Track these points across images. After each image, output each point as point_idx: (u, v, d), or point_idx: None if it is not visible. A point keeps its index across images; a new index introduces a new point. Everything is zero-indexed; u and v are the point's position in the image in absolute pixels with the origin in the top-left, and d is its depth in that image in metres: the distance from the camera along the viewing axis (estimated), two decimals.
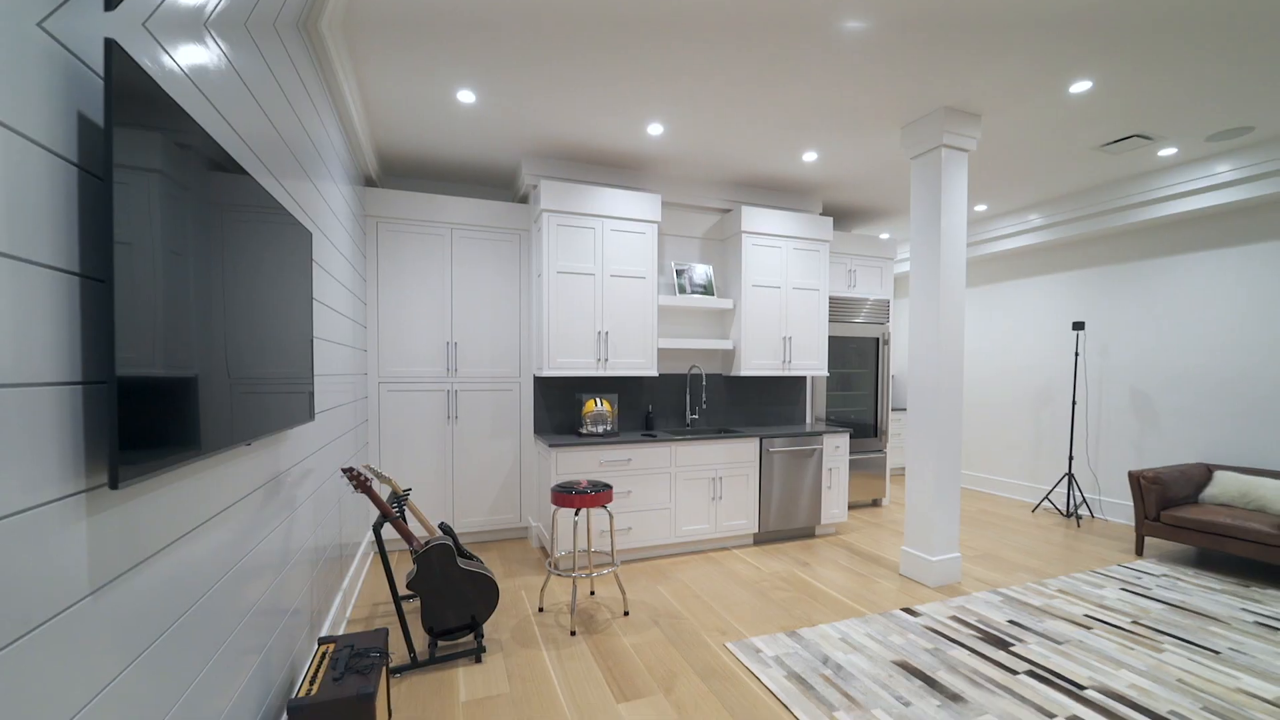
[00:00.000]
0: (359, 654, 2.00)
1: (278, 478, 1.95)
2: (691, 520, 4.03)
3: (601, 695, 2.30)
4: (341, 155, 3.15)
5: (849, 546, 4.22)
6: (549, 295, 3.92)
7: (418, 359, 4.05)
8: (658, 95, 3.15)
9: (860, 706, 2.20)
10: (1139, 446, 4.83)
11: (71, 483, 0.91)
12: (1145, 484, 3.97)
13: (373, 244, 3.97)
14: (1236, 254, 4.27)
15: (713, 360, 4.80)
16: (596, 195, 4.02)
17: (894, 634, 2.80)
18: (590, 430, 4.05)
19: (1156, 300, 4.74)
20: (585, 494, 2.91)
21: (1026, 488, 5.72)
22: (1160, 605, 3.16)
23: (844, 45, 2.65)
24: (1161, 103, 3.25)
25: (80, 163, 0.94)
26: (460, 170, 4.33)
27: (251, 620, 1.66)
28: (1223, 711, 2.18)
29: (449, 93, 3.17)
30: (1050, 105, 3.29)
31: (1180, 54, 2.72)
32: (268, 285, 1.63)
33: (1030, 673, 2.44)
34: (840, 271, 5.36)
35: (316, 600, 2.45)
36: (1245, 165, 3.93)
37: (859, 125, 3.57)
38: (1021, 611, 3.06)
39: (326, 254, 2.66)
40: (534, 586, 3.43)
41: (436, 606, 2.53)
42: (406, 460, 4.03)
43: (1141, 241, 4.85)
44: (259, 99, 1.78)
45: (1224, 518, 3.59)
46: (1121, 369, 4.96)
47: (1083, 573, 3.67)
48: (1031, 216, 5.33)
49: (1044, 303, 5.60)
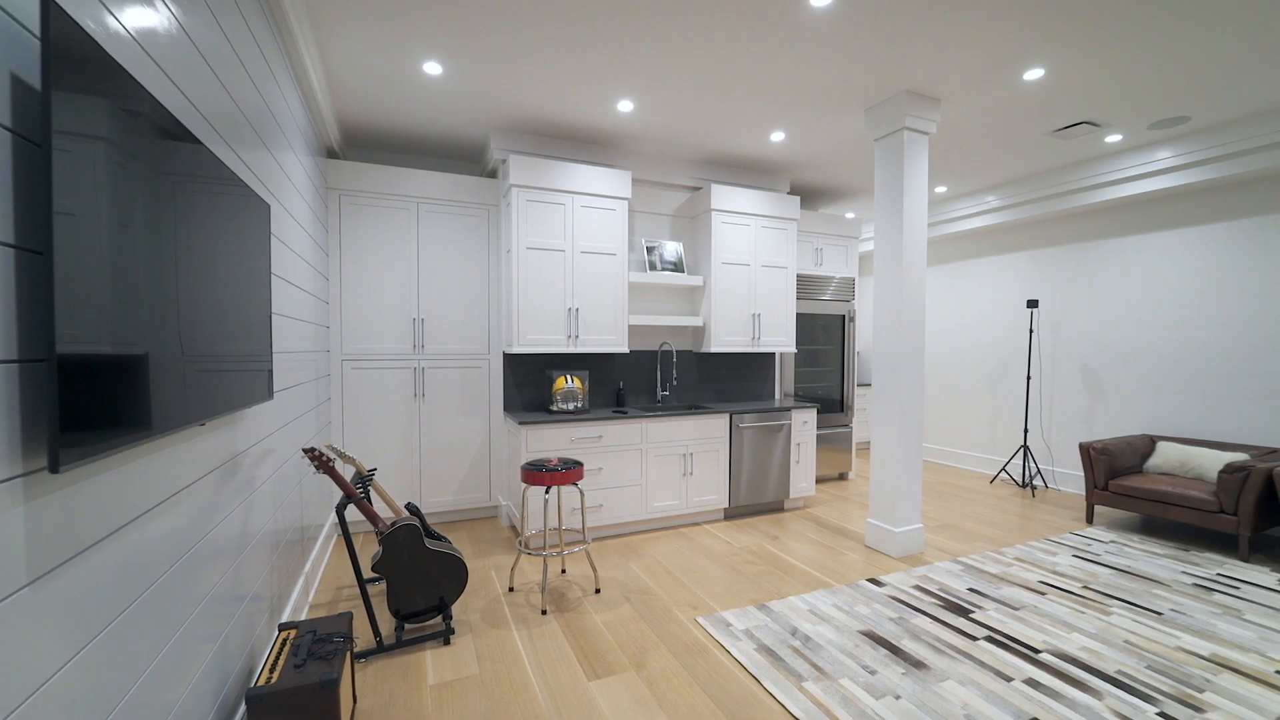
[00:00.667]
0: (322, 639, 1.95)
1: (235, 459, 1.86)
2: (663, 496, 4.05)
3: (573, 673, 2.30)
4: (302, 125, 2.98)
5: (817, 520, 4.32)
6: (519, 271, 3.83)
7: (383, 336, 3.92)
8: (628, 71, 3.06)
9: (828, 676, 2.26)
10: (1089, 419, 5.05)
11: (6, 467, 0.83)
12: (1095, 455, 4.16)
13: (335, 217, 3.79)
14: (1176, 236, 4.45)
15: (683, 337, 4.79)
16: (567, 171, 3.92)
17: (860, 604, 2.88)
18: (561, 407, 4.01)
19: (1104, 280, 4.91)
20: (556, 471, 2.88)
21: (985, 460, 5.94)
22: (1109, 570, 3.32)
23: (811, 26, 2.61)
24: (1108, 91, 3.35)
25: (15, 127, 0.86)
26: (427, 143, 4.16)
27: (207, 607, 1.58)
28: (1164, 669, 2.31)
29: (415, 64, 3.02)
30: (1006, 91, 3.34)
31: (1124, 45, 2.80)
32: (224, 259, 1.53)
33: (989, 638, 2.54)
34: (807, 250, 5.39)
35: (277, 585, 2.36)
36: (1184, 153, 4.09)
37: (825, 106, 3.56)
38: (980, 579, 3.19)
39: (286, 227, 2.52)
40: (504, 566, 3.40)
41: (403, 589, 2.48)
42: (372, 439, 3.92)
43: (1090, 223, 5.01)
44: (213, 66, 1.66)
45: (1166, 486, 3.79)
46: (1072, 345, 5.15)
47: (1038, 541, 3.83)
48: (989, 198, 5.44)
49: (1000, 281, 5.76)
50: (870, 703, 2.08)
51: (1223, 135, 3.90)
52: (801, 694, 2.13)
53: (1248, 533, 3.45)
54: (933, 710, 2.04)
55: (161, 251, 1.17)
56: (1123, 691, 2.15)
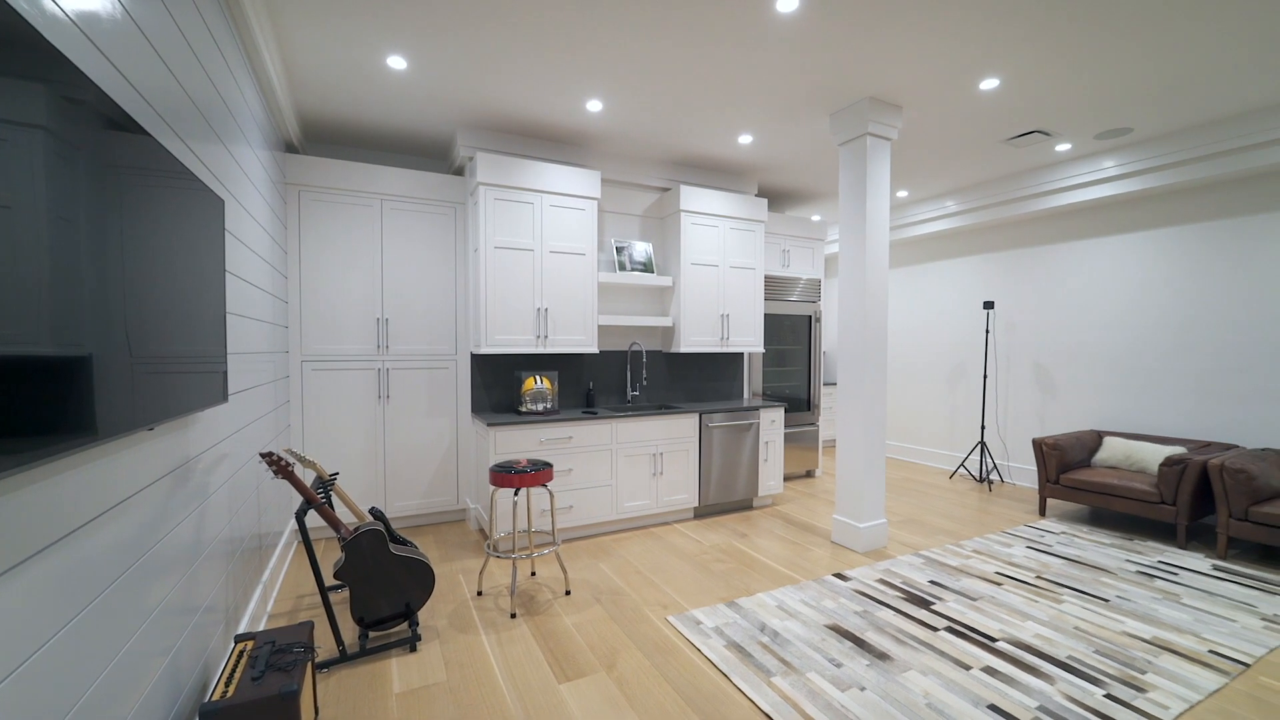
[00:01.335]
0: (281, 650, 1.88)
1: (187, 464, 1.78)
2: (633, 496, 4.05)
3: (543, 676, 2.28)
4: (259, 118, 2.87)
5: (785, 517, 4.38)
6: (486, 271, 3.77)
7: (345, 336, 3.82)
8: (596, 71, 3.05)
9: (795, 670, 2.29)
10: (1041, 416, 5.26)
11: None
12: (1046, 450, 4.33)
13: (294, 214, 3.67)
14: (1121, 241, 4.69)
15: (653, 337, 4.80)
16: (535, 170, 3.88)
17: (826, 599, 2.94)
18: (530, 408, 3.97)
19: (1055, 282, 5.13)
20: (525, 473, 2.85)
21: (944, 455, 6.13)
22: (1060, 560, 3.47)
23: (777, 30, 2.66)
24: (1057, 102, 3.51)
25: None
26: (391, 139, 4.07)
27: (157, 621, 1.51)
28: (1111, 653, 2.43)
29: (378, 58, 2.95)
30: (963, 99, 3.47)
31: (1071, 60, 2.94)
32: (175, 257, 1.46)
33: (949, 629, 2.63)
34: (775, 251, 5.47)
35: (233, 595, 2.28)
36: (1127, 162, 4.31)
37: (791, 110, 3.62)
38: (941, 572, 3.29)
39: (241, 223, 2.43)
40: (472, 570, 3.35)
41: (367, 595, 2.42)
42: (334, 443, 3.81)
43: (1042, 228, 5.22)
44: (163, 54, 1.59)
45: (1112, 479, 3.98)
46: (1026, 345, 5.36)
47: (994, 533, 3.98)
48: (948, 203, 5.63)
49: (959, 284, 5.95)
50: (836, 695, 2.12)
51: (1162, 146, 4.12)
52: (770, 689, 2.16)
53: (1185, 521, 3.65)
54: (896, 700, 2.09)
55: (107, 248, 1.12)
56: (1073, 676, 2.25)
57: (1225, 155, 3.87)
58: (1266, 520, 3.29)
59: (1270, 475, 3.49)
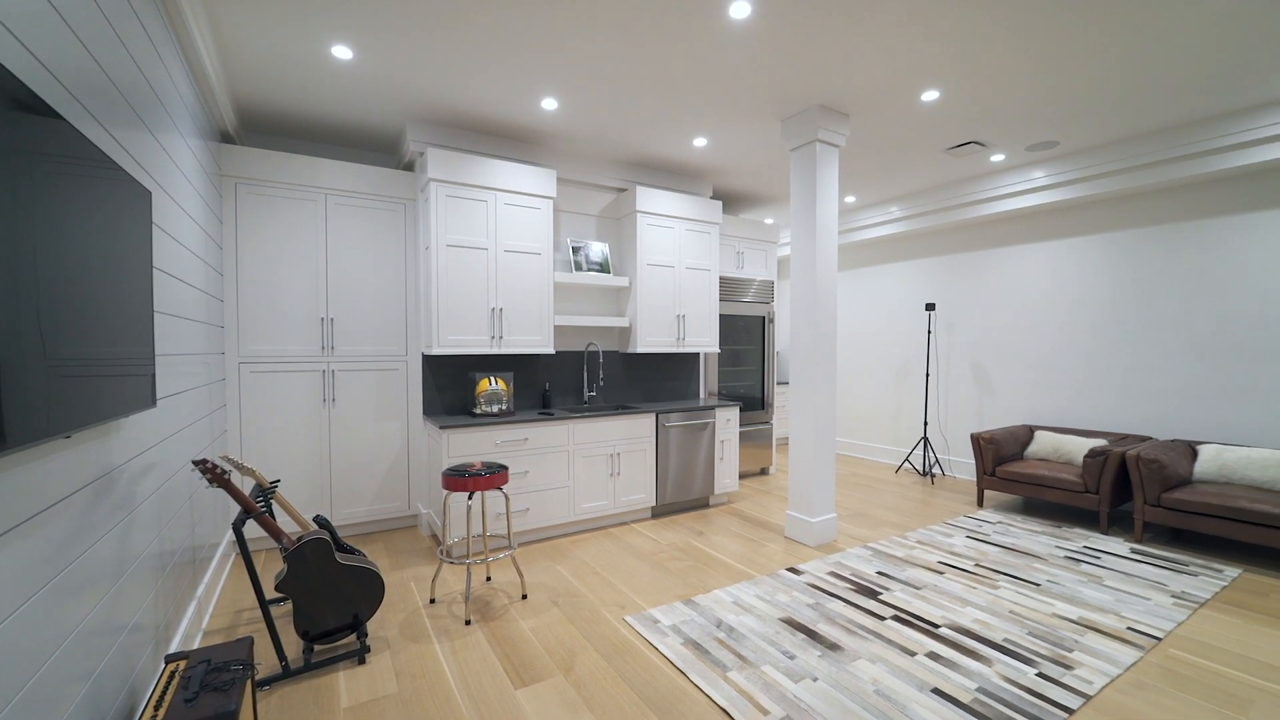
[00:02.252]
0: (217, 669, 1.78)
1: (110, 474, 1.66)
2: (590, 497, 4.04)
3: (499, 683, 2.25)
4: (190, 105, 2.71)
5: (740, 514, 4.46)
6: (438, 269, 3.68)
7: (287, 336, 3.64)
8: (552, 68, 3.02)
9: (751, 664, 2.34)
10: (979, 412, 5.54)
11: None
12: (984, 444, 4.57)
13: (230, 208, 3.48)
14: (1049, 247, 5.00)
15: (609, 337, 4.80)
16: (489, 167, 3.81)
17: (780, 593, 3.00)
18: (485, 410, 3.90)
19: (991, 285, 5.42)
20: (479, 476, 2.79)
21: (890, 451, 6.37)
22: (997, 549, 3.66)
23: (730, 37, 2.70)
24: (991, 114, 3.71)
25: None
26: (336, 131, 3.91)
27: (76, 644, 1.40)
28: (1042, 634, 2.58)
29: (322, 47, 2.84)
30: (906, 110, 3.62)
31: (1003, 74, 3.10)
32: (95, 251, 1.36)
33: (895, 617, 2.73)
34: (729, 253, 5.56)
35: (164, 613, 2.14)
36: (1055, 173, 4.61)
37: (745, 115, 3.69)
38: (888, 563, 3.41)
39: (171, 217, 2.28)
40: (425, 577, 3.26)
41: (312, 607, 2.32)
42: (275, 449, 3.63)
43: (979, 234, 5.51)
44: (77, 30, 1.47)
45: (1042, 470, 4.24)
46: (965, 345, 5.64)
47: (937, 524, 4.16)
48: (892, 209, 5.86)
49: (903, 286, 6.21)
50: (790, 686, 2.17)
51: (1085, 159, 4.41)
52: (726, 683, 2.19)
53: (1107, 509, 3.92)
54: (846, 689, 2.16)
55: (16, 242, 1.03)
56: (1009, 657, 2.38)
57: (1141, 169, 4.18)
58: (1176, 505, 3.57)
59: (1179, 464, 3.79)
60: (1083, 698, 2.11)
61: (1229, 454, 3.72)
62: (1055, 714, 2.02)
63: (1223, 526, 3.38)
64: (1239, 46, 2.86)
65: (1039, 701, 2.09)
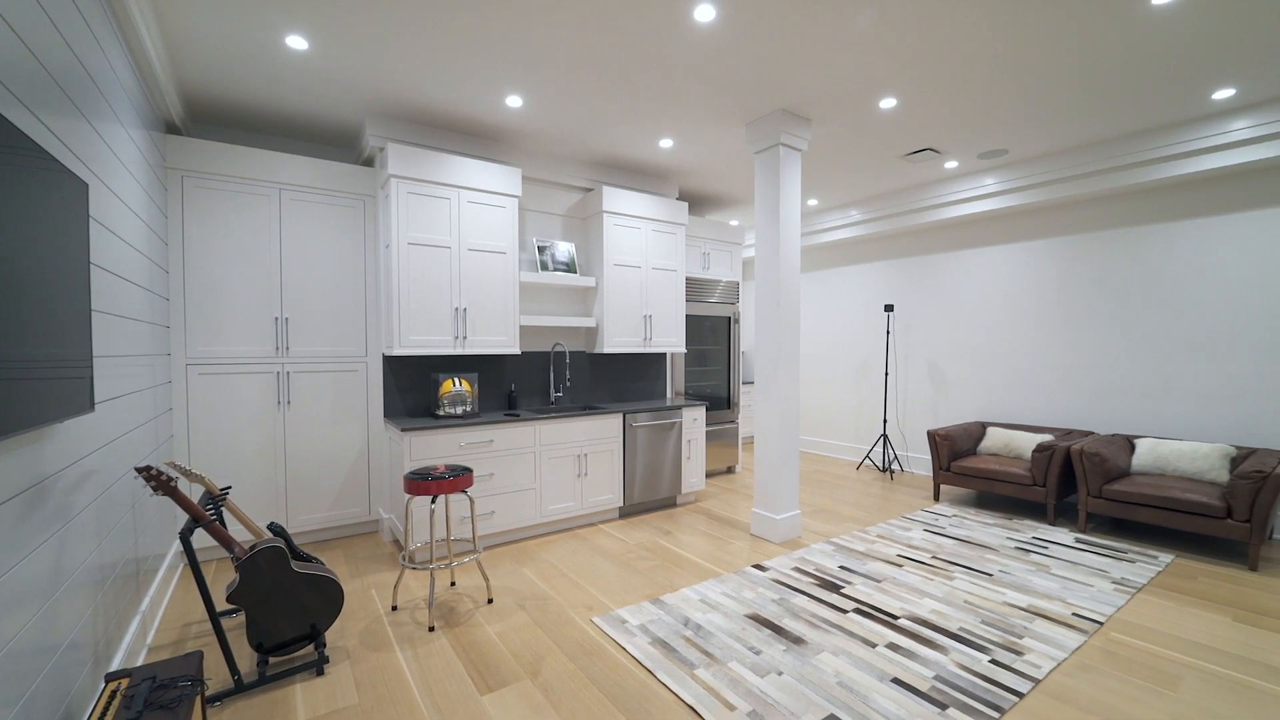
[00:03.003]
0: (163, 686, 1.70)
1: (42, 483, 1.56)
2: (557, 499, 4.01)
3: (464, 689, 2.21)
4: (132, 94, 2.57)
5: (707, 512, 4.50)
6: (400, 268, 3.59)
7: (238, 337, 3.50)
8: (516, 65, 2.98)
9: (718, 661, 2.36)
10: (935, 409, 5.74)
11: None
12: (939, 441, 4.73)
13: (177, 202, 3.31)
14: (999, 251, 5.21)
15: (576, 338, 4.77)
16: (452, 164, 3.74)
17: (746, 589, 3.04)
18: (448, 412, 3.83)
19: (946, 287, 5.62)
20: (443, 479, 2.74)
21: (851, 448, 6.53)
22: (952, 541, 3.80)
23: (696, 39, 2.73)
24: (946, 123, 3.85)
25: None
26: (291, 124, 3.78)
27: (5, 665, 1.32)
28: (994, 622, 2.69)
29: (276, 37, 2.73)
30: (866, 116, 3.72)
31: (955, 86, 3.21)
32: (25, 247, 1.28)
33: (857, 610, 2.80)
34: (695, 254, 5.61)
35: (104, 629, 2.03)
36: (1005, 180, 4.81)
37: (710, 117, 3.73)
38: (850, 557, 3.50)
39: (110, 210, 2.16)
40: (386, 584, 3.18)
41: (266, 618, 2.23)
42: (226, 454, 3.48)
43: (935, 237, 5.71)
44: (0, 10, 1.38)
45: (994, 465, 4.41)
46: (922, 345, 5.83)
47: (896, 519, 4.29)
48: (853, 212, 6.01)
49: (863, 287, 6.38)
50: (756, 682, 2.20)
51: (1032, 167, 4.61)
52: (693, 681, 2.21)
53: (1053, 500, 4.11)
54: (810, 682, 2.20)
55: None
56: (964, 645, 2.47)
57: (1083, 178, 4.40)
58: (1116, 497, 3.77)
59: (1119, 457, 4.00)
60: (1032, 681, 2.21)
61: (1163, 447, 3.95)
62: (1007, 698, 2.11)
63: (1157, 515, 3.59)
64: (1175, 64, 3.04)
65: (992, 687, 2.17)
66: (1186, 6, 2.52)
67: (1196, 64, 3.05)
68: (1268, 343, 3.83)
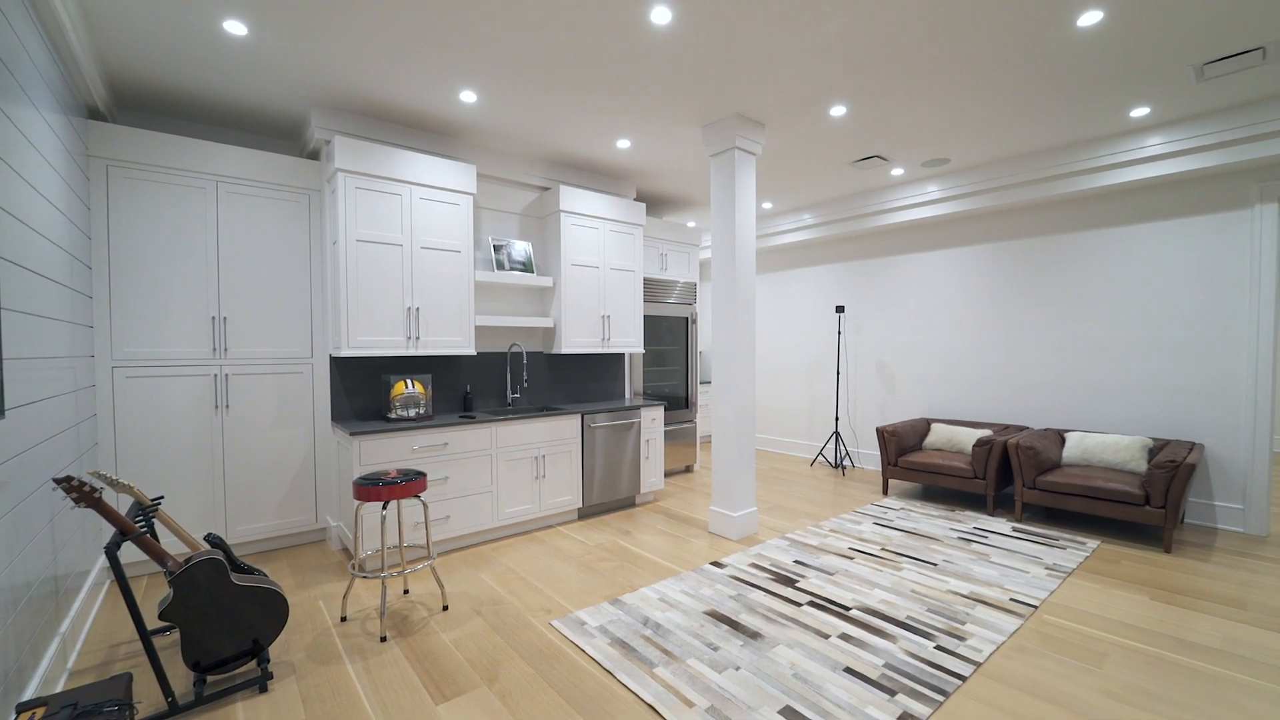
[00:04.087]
0: (86, 713, 1.58)
1: None
2: (515, 501, 3.95)
3: (418, 700, 2.15)
4: (47, 75, 2.38)
5: (666, 511, 4.53)
6: (348, 265, 3.46)
7: (170, 337, 3.30)
8: (469, 59, 2.92)
9: (677, 659, 2.38)
10: (883, 407, 5.95)
11: None
12: (887, 437, 4.91)
13: (101, 193, 3.10)
14: (941, 255, 5.46)
15: (534, 338, 4.72)
16: (404, 159, 3.64)
17: (705, 587, 3.08)
18: (401, 414, 3.71)
19: (893, 290, 5.84)
20: (395, 484, 2.66)
21: (805, 445, 6.70)
22: (900, 533, 3.94)
23: (653, 42, 2.74)
24: (891, 131, 4.00)
25: None
26: (231, 114, 3.58)
27: None
28: (939, 609, 2.81)
29: (212, 21, 2.59)
30: (817, 123, 3.83)
31: (898, 97, 3.35)
32: None
33: (811, 603, 2.88)
34: (653, 255, 5.64)
35: (14, 655, 1.87)
36: (947, 187, 5.04)
37: (667, 119, 3.76)
38: (804, 552, 3.59)
39: (21, 200, 1.99)
40: (335, 594, 3.06)
41: (204, 635, 2.11)
42: (158, 462, 3.27)
43: (882, 241, 5.93)
44: None
45: (938, 459, 4.61)
46: (871, 345, 6.04)
47: (848, 513, 4.42)
48: (805, 216, 6.18)
49: (816, 289, 6.56)
50: (714, 677, 2.23)
51: (973, 175, 4.85)
52: (653, 680, 2.22)
53: (992, 492, 4.33)
54: (766, 675, 2.25)
55: None
56: (911, 633, 2.57)
57: (1016, 187, 4.66)
58: (1048, 487, 4.00)
59: (1051, 450, 4.25)
60: (974, 665, 2.32)
61: (1089, 440, 4.22)
62: (951, 682, 2.20)
63: (1085, 504, 3.83)
64: (1098, 82, 3.25)
65: (937, 672, 2.27)
66: (1106, 29, 2.70)
67: (1116, 83, 3.27)
68: (1177, 342, 4.14)
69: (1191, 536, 3.86)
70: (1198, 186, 4.06)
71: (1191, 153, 3.84)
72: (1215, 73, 3.13)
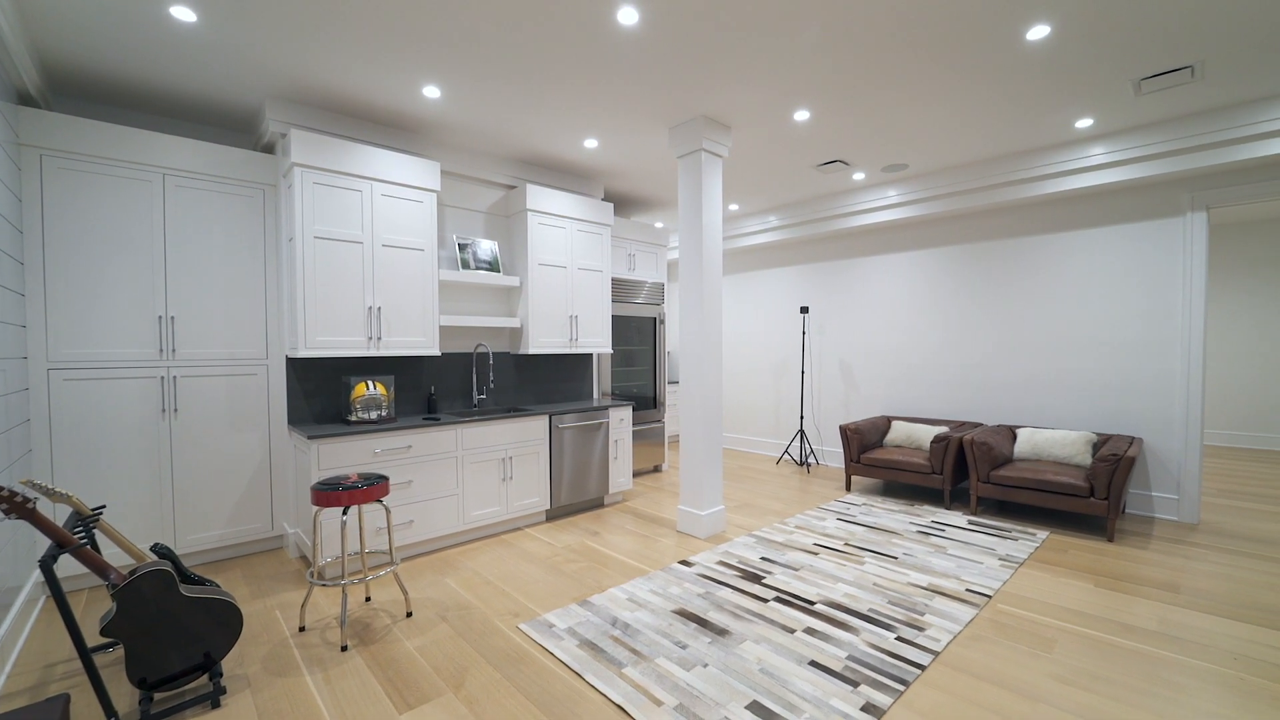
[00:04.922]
0: None
1: None
2: (481, 504, 3.89)
3: (381, 710, 2.10)
4: None
5: (634, 511, 4.53)
6: (305, 263, 3.35)
7: (113, 337, 3.13)
8: (432, 53, 2.87)
9: (646, 658, 2.38)
10: (846, 405, 6.09)
11: None
12: (850, 434, 5.03)
13: (34, 184, 2.91)
14: (901, 258, 5.63)
15: (500, 338, 4.66)
16: (364, 154, 3.54)
17: (673, 585, 3.09)
18: (362, 417, 3.62)
19: (855, 291, 5.99)
20: (355, 489, 2.59)
21: (771, 444, 6.81)
22: (862, 528, 4.04)
23: (620, 43, 2.75)
24: (853, 137, 4.11)
25: None
26: (179, 103, 3.43)
27: None
28: (900, 601, 2.89)
29: (157, 6, 2.47)
30: (781, 126, 3.90)
31: (860, 104, 3.44)
32: None
33: (777, 599, 2.92)
34: (621, 255, 5.64)
35: None
36: (905, 192, 5.20)
37: (634, 119, 3.77)
38: (770, 549, 3.64)
39: None
40: (293, 603, 2.96)
41: (150, 650, 2.01)
42: (99, 470, 3.10)
43: (845, 244, 6.07)
44: None
45: (898, 456, 4.75)
46: (834, 344, 6.18)
47: (812, 510, 4.51)
48: (771, 218, 6.28)
49: (781, 290, 6.67)
50: (683, 676, 2.25)
51: (930, 181, 5.01)
52: (622, 680, 2.22)
53: (949, 487, 4.48)
54: (735, 671, 2.27)
55: None
56: (873, 625, 2.64)
57: (971, 192, 4.83)
58: (1001, 481, 4.16)
59: (1004, 446, 4.43)
60: (932, 654, 2.40)
61: (1039, 435, 4.41)
62: (911, 671, 2.27)
63: (1034, 497, 4.00)
64: (1045, 93, 3.40)
65: (898, 662, 2.34)
66: (1053, 43, 2.83)
67: (1063, 94, 3.43)
68: (1118, 342, 4.37)
69: (1132, 526, 4.08)
70: (1136, 195, 4.30)
71: (1131, 163, 4.06)
72: (1151, 88, 3.31)
